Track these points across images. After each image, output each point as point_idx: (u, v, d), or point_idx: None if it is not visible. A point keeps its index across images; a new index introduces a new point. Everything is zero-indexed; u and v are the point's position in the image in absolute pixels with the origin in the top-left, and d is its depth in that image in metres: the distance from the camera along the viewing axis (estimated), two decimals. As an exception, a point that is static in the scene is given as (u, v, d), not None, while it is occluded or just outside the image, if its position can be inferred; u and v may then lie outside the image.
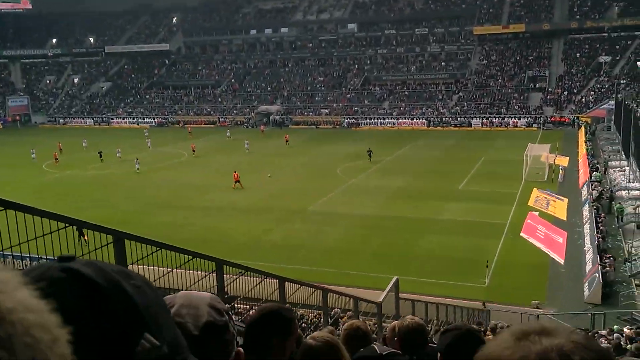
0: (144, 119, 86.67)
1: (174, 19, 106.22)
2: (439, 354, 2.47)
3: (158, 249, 6.05)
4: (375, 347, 1.96)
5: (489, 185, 37.97)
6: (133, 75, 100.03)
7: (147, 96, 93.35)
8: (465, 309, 18.63)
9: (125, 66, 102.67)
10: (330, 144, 59.30)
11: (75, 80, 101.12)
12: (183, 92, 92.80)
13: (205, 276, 6.25)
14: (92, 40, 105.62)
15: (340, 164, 47.03)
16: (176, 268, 6.29)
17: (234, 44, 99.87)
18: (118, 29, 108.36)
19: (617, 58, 74.20)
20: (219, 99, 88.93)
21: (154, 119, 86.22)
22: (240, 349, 1.37)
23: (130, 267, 4.39)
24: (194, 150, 53.98)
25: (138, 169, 46.26)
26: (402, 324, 3.65)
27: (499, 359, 0.91)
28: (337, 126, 75.18)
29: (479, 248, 25.97)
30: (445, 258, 25.24)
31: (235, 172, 40.60)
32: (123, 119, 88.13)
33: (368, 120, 75.23)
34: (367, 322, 13.32)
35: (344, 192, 38.44)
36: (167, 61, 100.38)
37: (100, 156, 51.25)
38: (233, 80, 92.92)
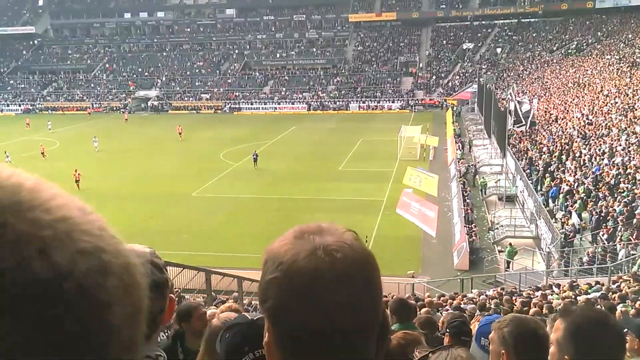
0: (7, 106, 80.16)
1: (40, 1, 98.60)
2: None
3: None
4: (247, 314, 2.19)
5: (367, 165, 39.68)
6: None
7: (11, 82, 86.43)
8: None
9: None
10: (212, 129, 58.58)
11: None
12: (52, 76, 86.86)
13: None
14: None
15: (223, 149, 46.71)
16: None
17: (106, 27, 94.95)
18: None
19: (479, 45, 80.00)
20: (92, 84, 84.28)
21: (19, 105, 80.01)
22: (172, 295, 1.51)
23: None
24: (42, 153, 44.73)
25: (9, 161, 41.32)
26: None
27: (277, 255, 0.97)
28: (219, 111, 74.30)
29: (359, 224, 27.05)
30: (328, 236, 26.12)
31: (76, 170, 35.60)
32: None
33: (250, 105, 75.06)
34: (253, 300, 13.60)
35: (228, 176, 38.36)
36: (33, 44, 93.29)
37: None
38: (107, 65, 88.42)
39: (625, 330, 3.38)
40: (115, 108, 76.95)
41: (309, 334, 0.93)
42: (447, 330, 4.31)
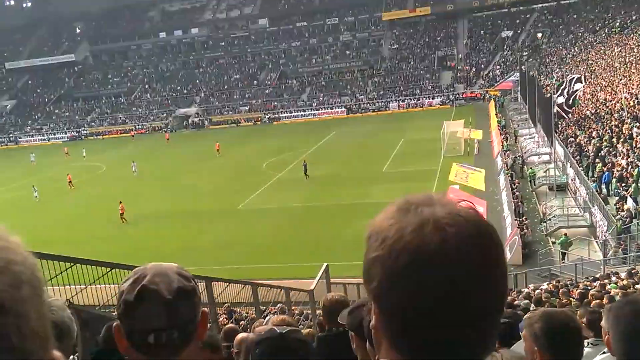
0: (54, 135, 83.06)
1: (77, 29, 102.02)
2: (351, 334, 2.36)
3: (72, 264, 5.78)
4: (275, 328, 2.16)
5: (411, 165, 39.13)
6: (39, 90, 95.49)
7: (57, 110, 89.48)
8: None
9: (30, 81, 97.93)
10: (253, 141, 59.03)
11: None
12: (94, 102, 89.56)
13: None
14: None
15: (265, 160, 46.99)
16: (91, 284, 6.01)
17: (143, 48, 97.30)
18: (17, 43, 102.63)
19: (519, 32, 78.07)
20: (134, 107, 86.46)
21: (65, 133, 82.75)
22: (205, 309, 1.52)
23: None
24: (70, 182, 44.28)
25: (37, 197, 41.23)
26: (325, 298, 3.85)
27: (381, 230, 0.89)
28: (258, 122, 74.92)
29: (406, 226, 26.71)
30: (375, 239, 25.81)
31: (120, 202, 33.98)
32: (32, 136, 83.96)
33: (288, 114, 75.40)
34: (304, 310, 13.54)
35: (272, 187, 38.51)
36: (74, 71, 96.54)
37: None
38: (147, 86, 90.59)
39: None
40: (157, 128, 78.57)
41: (418, 318, 0.86)
42: None
